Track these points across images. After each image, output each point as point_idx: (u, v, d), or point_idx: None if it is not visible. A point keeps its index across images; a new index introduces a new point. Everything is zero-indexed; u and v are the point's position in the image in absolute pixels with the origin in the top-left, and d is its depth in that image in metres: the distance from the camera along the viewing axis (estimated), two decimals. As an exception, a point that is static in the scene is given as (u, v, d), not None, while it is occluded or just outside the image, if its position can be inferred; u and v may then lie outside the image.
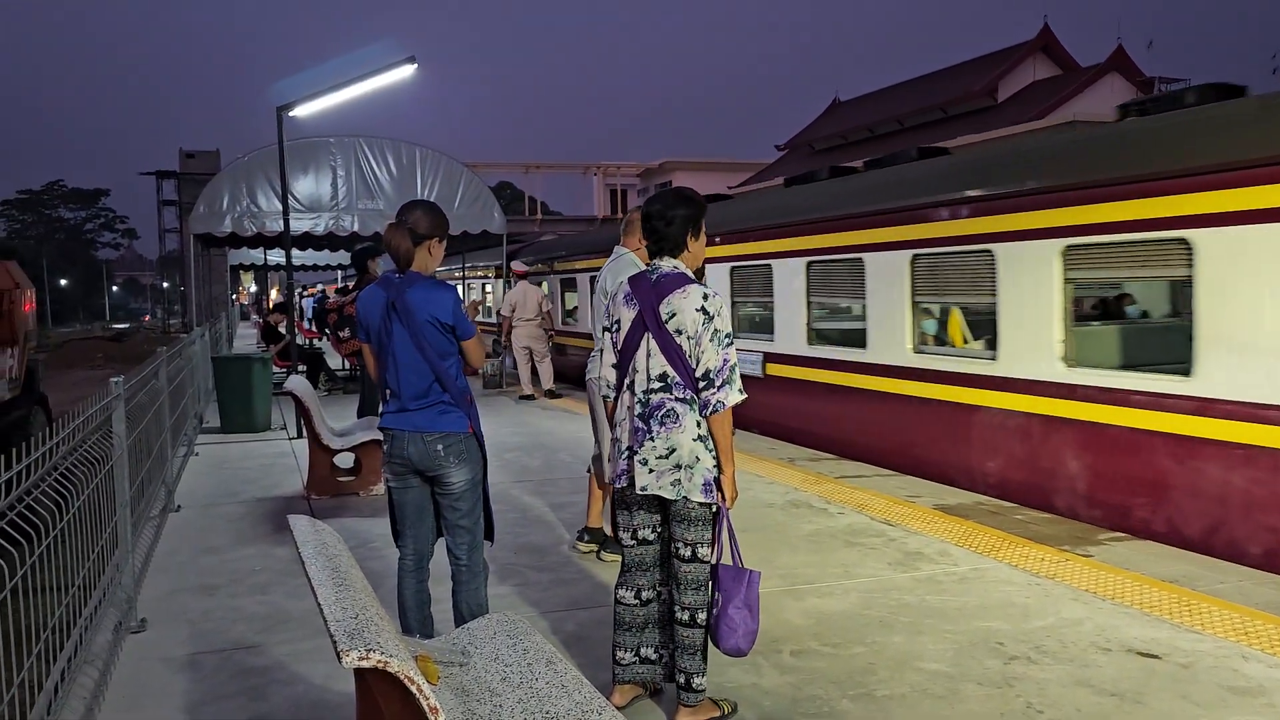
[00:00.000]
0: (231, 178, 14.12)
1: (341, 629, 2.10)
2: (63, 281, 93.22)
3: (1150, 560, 5.46)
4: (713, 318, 3.44)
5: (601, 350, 3.76)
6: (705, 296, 3.47)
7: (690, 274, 3.58)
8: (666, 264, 3.60)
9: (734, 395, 3.43)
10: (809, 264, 9.83)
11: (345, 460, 7.83)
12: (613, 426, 3.69)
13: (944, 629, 4.46)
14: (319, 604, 2.28)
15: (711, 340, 3.42)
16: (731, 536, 3.53)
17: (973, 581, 5.15)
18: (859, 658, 4.16)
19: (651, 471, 3.45)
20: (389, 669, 2.05)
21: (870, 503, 6.93)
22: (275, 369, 12.95)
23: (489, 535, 4.07)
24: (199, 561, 5.80)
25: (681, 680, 3.50)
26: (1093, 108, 26.03)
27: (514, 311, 13.92)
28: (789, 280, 10.19)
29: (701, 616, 3.51)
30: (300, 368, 11.98)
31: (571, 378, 15.48)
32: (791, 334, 10.19)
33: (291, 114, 10.69)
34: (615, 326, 3.65)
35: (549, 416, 11.94)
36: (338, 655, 2.05)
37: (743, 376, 3.58)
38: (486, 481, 4.02)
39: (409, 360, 3.83)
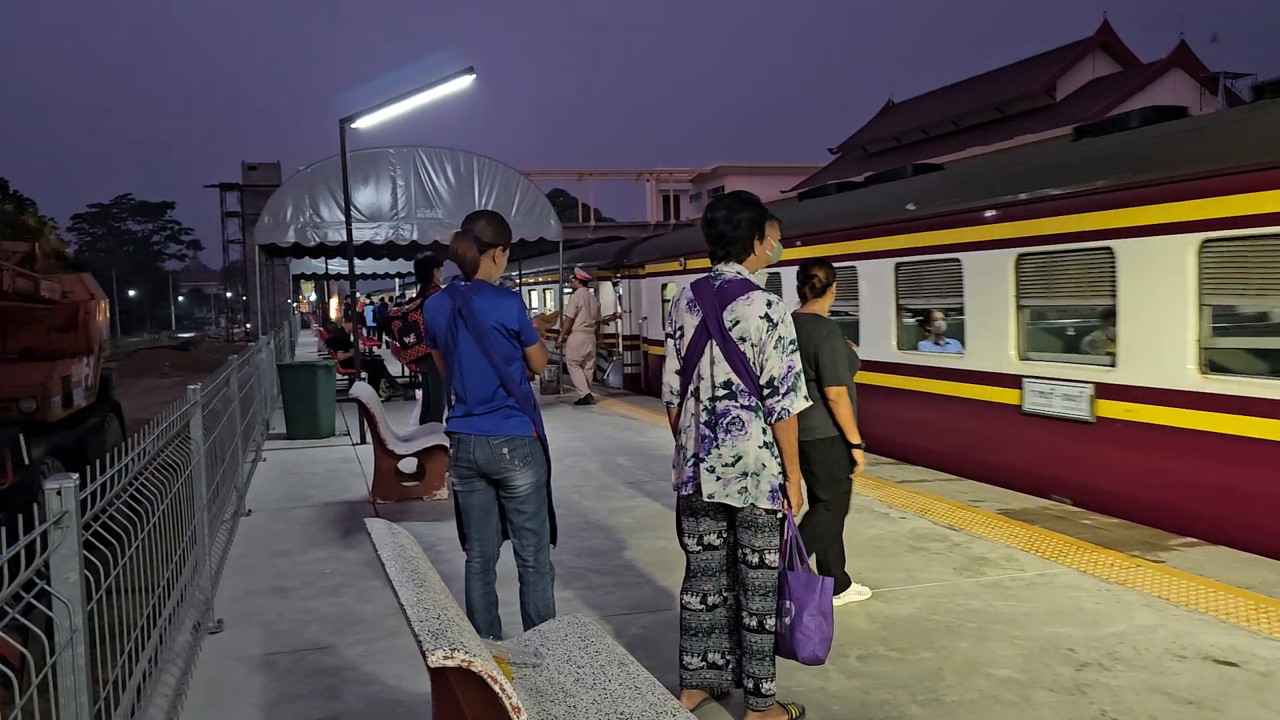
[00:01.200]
0: (295, 189, 14.42)
1: (425, 629, 2.15)
2: (131, 292, 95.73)
3: (1225, 566, 5.35)
4: (776, 324, 3.44)
5: (665, 356, 3.75)
6: (769, 303, 3.47)
7: (753, 280, 3.59)
8: (730, 269, 3.59)
9: (799, 402, 3.44)
10: (898, 266, 9.29)
11: (409, 465, 7.96)
12: (677, 434, 3.70)
13: (1012, 635, 4.42)
14: (401, 604, 2.33)
15: (775, 347, 3.42)
16: (798, 543, 3.54)
17: (1040, 587, 5.08)
18: (926, 663, 4.14)
19: (719, 479, 3.45)
20: (472, 668, 2.10)
21: (933, 507, 6.87)
22: (339, 376, 13.20)
23: (553, 538, 4.12)
24: (271, 564, 5.94)
25: (750, 685, 3.51)
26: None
27: (575, 316, 14.15)
28: (875, 282, 9.62)
29: (770, 622, 3.51)
30: (361, 375, 12.19)
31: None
32: (878, 339, 9.56)
33: (353, 125, 10.90)
34: (678, 333, 3.64)
35: (607, 421, 12.00)
36: (423, 654, 2.10)
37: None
38: (550, 485, 4.09)
39: (475, 365, 3.91)
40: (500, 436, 3.89)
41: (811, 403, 3.61)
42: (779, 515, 3.51)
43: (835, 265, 5.21)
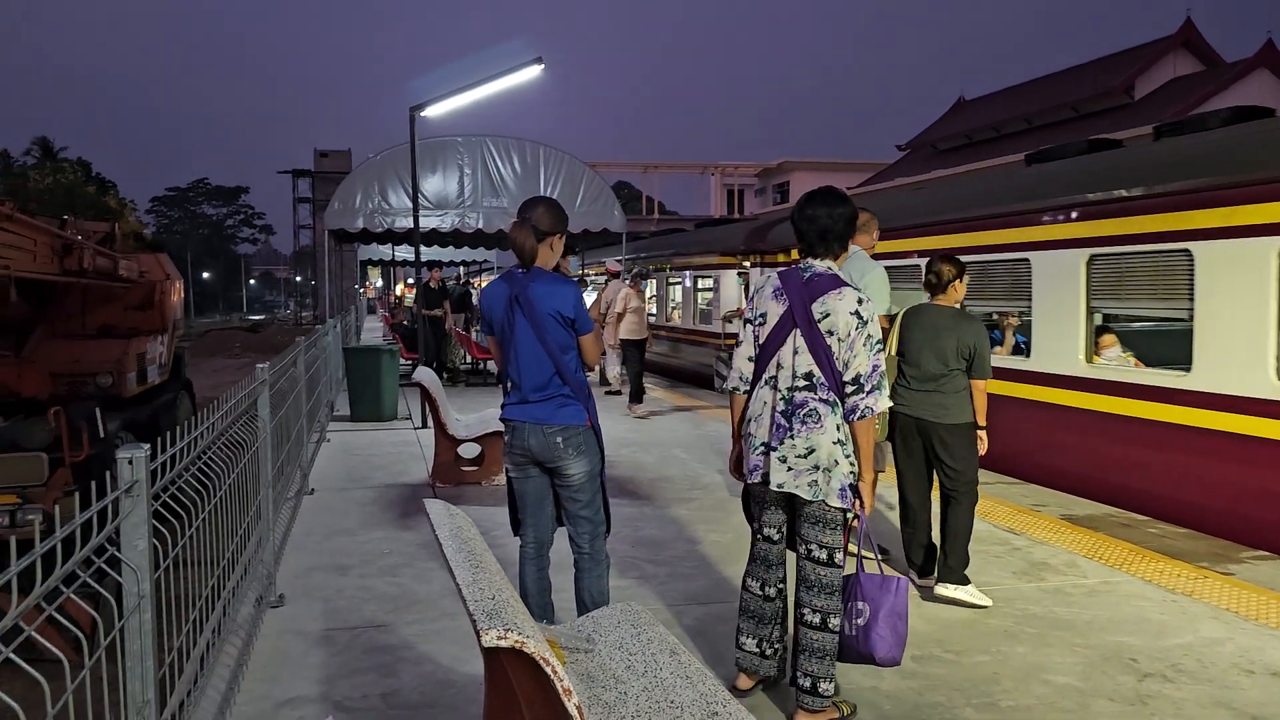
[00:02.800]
0: (364, 176, 14.68)
1: (480, 609, 2.18)
2: (205, 274, 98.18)
3: (1298, 581, 5.18)
4: (866, 322, 3.44)
5: (740, 342, 3.76)
6: (860, 300, 3.47)
7: (843, 275, 3.59)
8: (820, 264, 3.60)
9: (883, 401, 3.43)
10: (1091, 258, 7.59)
11: (469, 450, 8.05)
12: (743, 421, 3.70)
13: (1073, 642, 4.33)
14: (457, 584, 2.36)
15: (864, 345, 3.42)
16: (871, 544, 3.57)
17: (1103, 595, 4.97)
18: (983, 666, 4.08)
19: (790, 469, 3.45)
20: (525, 649, 2.11)
21: (993, 510, 6.76)
22: (402, 361, 13.38)
23: (607, 527, 4.13)
24: (332, 542, 6.05)
25: (807, 684, 3.46)
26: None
27: (609, 309, 14.05)
28: (1058, 279, 7.91)
29: (834, 622, 3.48)
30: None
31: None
32: (1059, 346, 7.93)
33: (423, 114, 11.03)
34: (760, 320, 3.64)
35: (661, 413, 12.00)
36: (477, 634, 2.12)
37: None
38: (604, 474, 4.09)
39: (531, 352, 3.91)
40: (554, 425, 3.90)
41: (892, 404, 3.99)
42: (846, 514, 3.49)
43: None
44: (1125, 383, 7.25)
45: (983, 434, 5.00)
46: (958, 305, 5.14)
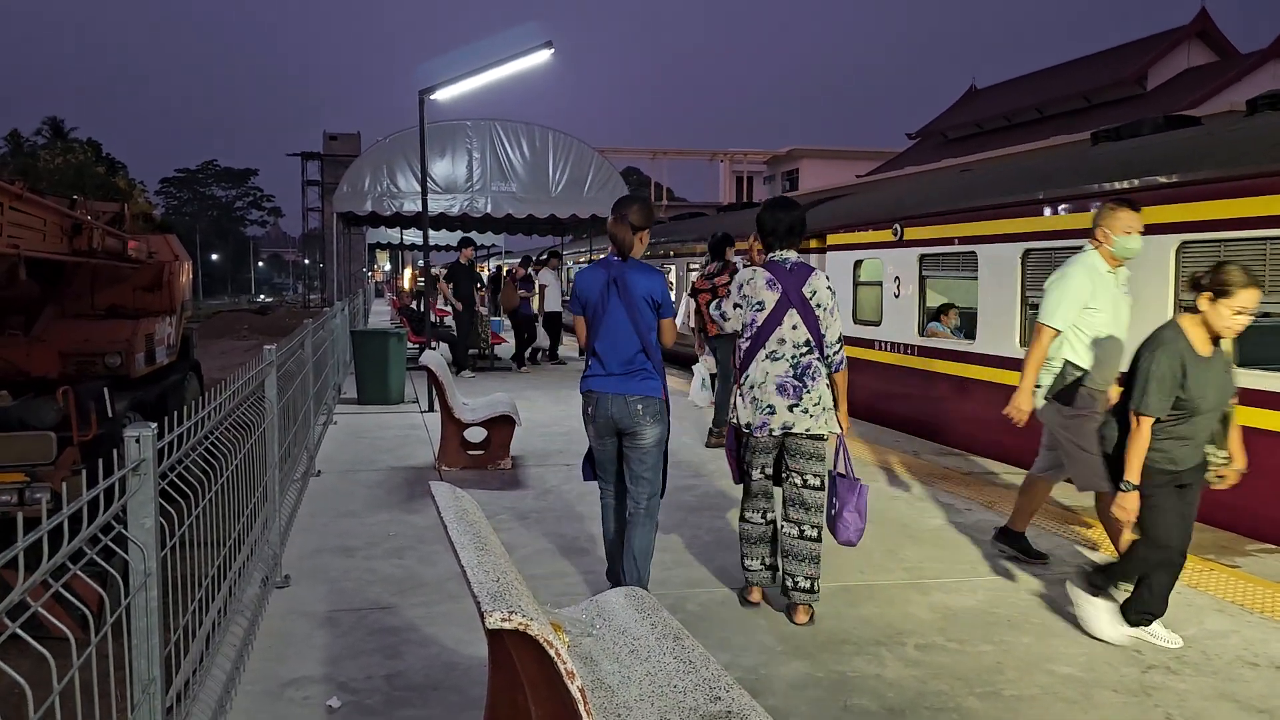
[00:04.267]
0: (373, 159, 14.65)
1: (485, 591, 2.18)
2: (214, 256, 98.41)
3: (1304, 575, 5.17)
4: (834, 294, 4.49)
5: (728, 316, 4.68)
6: (827, 278, 4.50)
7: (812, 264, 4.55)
8: (791, 255, 4.53)
9: (843, 354, 4.53)
10: (1182, 245, 6.81)
11: (476, 435, 8.06)
12: (743, 389, 4.54)
13: (1077, 633, 4.32)
14: (462, 566, 2.36)
15: (836, 313, 4.47)
16: (846, 455, 4.50)
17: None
18: (986, 656, 4.08)
19: (811, 415, 4.39)
20: (529, 631, 2.12)
21: (1000, 500, 6.75)
22: (410, 345, 13.40)
23: (662, 490, 4.58)
24: (338, 524, 6.07)
25: (806, 584, 4.37)
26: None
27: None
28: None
29: (819, 532, 4.41)
30: (433, 345, 12.37)
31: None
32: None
33: (432, 97, 11.00)
34: (759, 306, 4.46)
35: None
36: (481, 616, 2.12)
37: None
38: (668, 443, 4.57)
39: (623, 330, 4.46)
40: (636, 395, 4.43)
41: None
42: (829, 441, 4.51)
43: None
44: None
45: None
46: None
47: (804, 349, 4.39)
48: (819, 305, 4.38)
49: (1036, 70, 38.04)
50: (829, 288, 4.43)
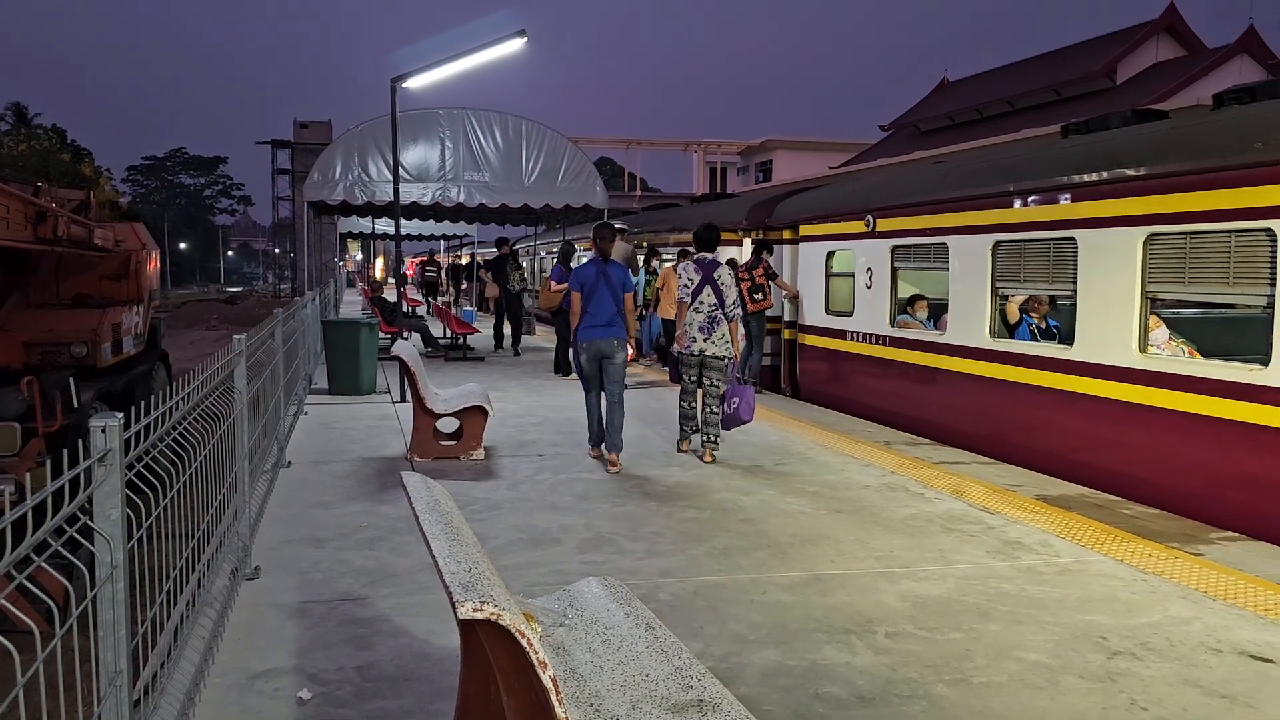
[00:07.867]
0: (344, 147, 14.52)
1: (457, 581, 2.18)
2: (182, 245, 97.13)
3: (1265, 561, 5.25)
4: (733, 277, 7.99)
5: (683, 291, 8.01)
6: (728, 267, 8.08)
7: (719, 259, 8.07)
8: (708, 255, 8.02)
9: (738, 312, 7.98)
10: (1149, 237, 6.83)
11: (448, 425, 8.03)
12: (684, 327, 7.93)
13: (1044, 620, 4.38)
14: (434, 557, 2.36)
15: (731, 288, 7.84)
16: (736, 370, 8.07)
17: (1075, 574, 5.03)
18: (955, 644, 4.12)
19: (715, 345, 7.82)
20: (501, 621, 2.12)
21: (969, 489, 6.82)
22: (381, 335, 13.32)
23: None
24: (309, 515, 6.03)
25: (712, 439, 7.85)
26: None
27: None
28: (1104, 260, 7.16)
29: (718, 408, 7.87)
30: (405, 335, 12.31)
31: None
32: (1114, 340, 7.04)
33: (405, 85, 10.92)
34: (692, 283, 7.85)
35: (646, 393, 11.95)
36: (453, 605, 2.12)
37: None
38: (626, 364, 7.66)
39: (606, 301, 7.50)
40: (612, 336, 7.53)
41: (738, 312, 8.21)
42: (730, 359, 7.96)
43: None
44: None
45: None
46: None
47: (713, 307, 7.77)
48: (722, 284, 7.78)
49: (1008, 63, 38.27)
50: (730, 273, 7.91)
